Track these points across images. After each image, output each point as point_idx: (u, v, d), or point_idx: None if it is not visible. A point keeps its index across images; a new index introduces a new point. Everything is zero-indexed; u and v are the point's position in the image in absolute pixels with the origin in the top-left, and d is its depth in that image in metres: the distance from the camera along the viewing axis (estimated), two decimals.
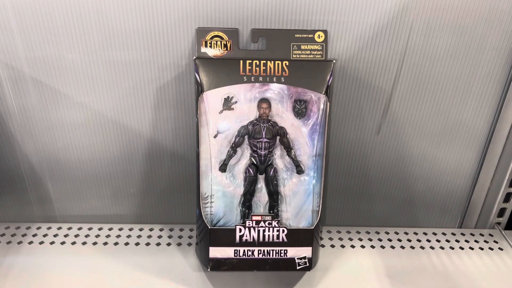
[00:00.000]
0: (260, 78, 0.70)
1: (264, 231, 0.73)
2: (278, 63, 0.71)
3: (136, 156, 0.86)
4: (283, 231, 0.73)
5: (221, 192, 0.74)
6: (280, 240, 0.73)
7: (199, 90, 0.70)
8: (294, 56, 0.73)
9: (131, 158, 0.87)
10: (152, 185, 0.90)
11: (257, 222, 0.73)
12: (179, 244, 0.86)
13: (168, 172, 0.89)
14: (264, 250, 0.73)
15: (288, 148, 0.74)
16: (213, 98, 0.71)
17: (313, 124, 0.73)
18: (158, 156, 0.87)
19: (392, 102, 0.82)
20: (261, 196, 0.75)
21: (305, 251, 0.74)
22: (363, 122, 0.84)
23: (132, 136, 0.84)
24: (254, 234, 0.73)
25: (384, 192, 0.93)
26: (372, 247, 0.88)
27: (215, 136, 0.72)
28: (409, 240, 0.91)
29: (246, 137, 0.73)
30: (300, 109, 0.72)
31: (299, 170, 0.74)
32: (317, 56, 0.73)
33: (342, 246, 0.88)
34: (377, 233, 0.93)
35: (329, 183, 0.92)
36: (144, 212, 0.94)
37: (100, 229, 0.90)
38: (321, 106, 0.72)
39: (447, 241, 0.91)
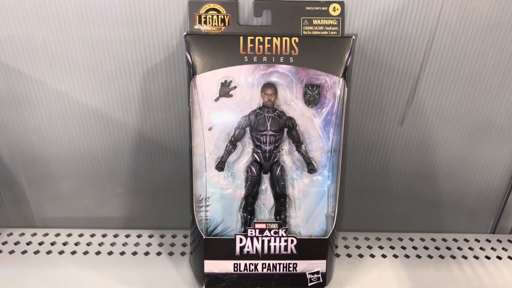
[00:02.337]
0: (264, 58, 0.64)
1: (269, 241, 0.68)
2: (285, 40, 0.64)
3: (123, 151, 0.82)
4: (292, 241, 0.68)
5: (218, 194, 0.69)
6: (289, 251, 0.69)
7: (191, 72, 0.64)
8: (304, 32, 0.67)
9: (117, 153, 0.82)
10: (141, 184, 0.86)
11: (261, 231, 0.68)
12: (170, 254, 0.81)
13: (159, 170, 0.84)
14: (269, 264, 0.69)
15: (297, 142, 0.68)
16: (207, 82, 0.65)
17: (328, 113, 0.67)
18: (148, 151, 0.82)
19: (419, 89, 0.76)
20: (266, 200, 0.70)
21: (318, 265, 0.69)
22: (384, 112, 0.78)
23: (117, 127, 0.79)
24: (257, 244, 0.68)
25: (406, 192, 0.88)
26: (395, 256, 0.82)
27: (210, 129, 0.67)
28: (437, 248, 0.85)
29: (247, 129, 0.68)
30: (312, 96, 0.66)
31: (311, 169, 0.68)
32: (332, 33, 0.67)
33: (360, 256, 0.82)
34: (400, 239, 0.87)
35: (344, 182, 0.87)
36: (132, 215, 0.90)
37: (80, 235, 0.85)
38: (338, 92, 0.66)
39: (482, 249, 0.85)
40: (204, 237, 0.68)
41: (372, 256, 0.82)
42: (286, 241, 0.68)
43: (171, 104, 0.77)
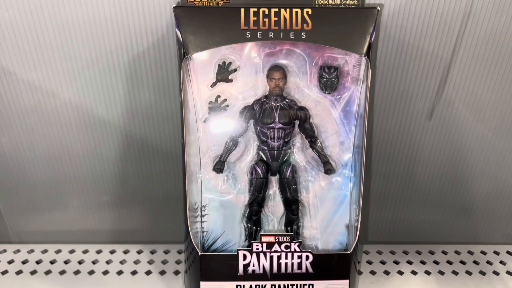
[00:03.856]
0: (271, 34, 0.58)
1: (279, 257, 0.63)
2: (296, 12, 0.58)
3: (107, 153, 0.78)
4: (307, 257, 0.63)
5: (216, 201, 0.65)
6: (303, 270, 0.64)
7: (182, 53, 0.59)
8: (317, 5, 0.61)
9: (101, 155, 0.78)
10: (129, 192, 0.82)
11: (269, 245, 0.63)
12: (162, 272, 0.76)
13: (150, 174, 0.80)
14: (279, 286, 0.64)
15: (311, 137, 0.64)
16: (202, 64, 0.61)
17: (349, 101, 0.62)
18: (137, 153, 0.78)
19: (451, 75, 0.71)
20: (274, 207, 0.67)
21: (340, 286, 0.64)
22: (411, 103, 0.74)
23: (100, 125, 0.75)
24: (264, 262, 0.63)
25: (435, 197, 0.83)
26: (427, 273, 0.76)
27: (205, 121, 0.62)
28: (476, 263, 0.78)
29: (251, 122, 0.64)
30: (330, 80, 0.61)
31: (328, 169, 0.64)
32: (350, 6, 0.62)
33: (386, 273, 0.76)
34: (431, 253, 0.81)
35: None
36: (120, 228, 0.85)
37: (58, 251, 0.79)
38: (360, 75, 0.61)
39: None
40: (199, 253, 0.63)
41: (400, 273, 0.77)
42: (300, 257, 0.63)
43: (162, 97, 0.73)
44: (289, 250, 0.63)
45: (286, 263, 0.63)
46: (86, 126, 0.75)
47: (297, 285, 0.63)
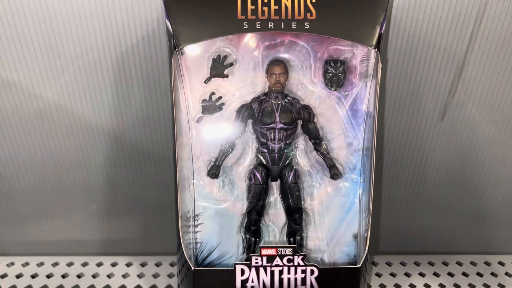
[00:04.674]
0: (271, 24, 0.56)
1: (281, 272, 0.60)
2: (298, 0, 0.56)
3: (95, 159, 0.76)
4: (312, 272, 0.60)
5: (211, 209, 0.63)
6: (308, 286, 0.61)
7: (173, 46, 0.56)
8: None
9: (88, 161, 0.77)
10: (119, 200, 0.80)
11: (270, 258, 0.60)
12: (153, 287, 0.73)
13: (141, 181, 0.79)
14: None
15: (316, 138, 0.62)
16: (194, 58, 0.58)
17: (356, 98, 0.60)
18: (127, 158, 0.77)
19: (465, 73, 0.70)
20: (275, 216, 0.64)
21: None
22: (421, 103, 0.73)
23: (87, 129, 0.74)
24: (265, 278, 0.60)
25: (448, 203, 0.81)
26: (441, 286, 0.73)
27: (198, 121, 0.60)
28: (494, 275, 0.76)
29: (249, 122, 0.62)
30: (336, 75, 0.59)
31: (335, 173, 0.62)
32: None
33: (397, 286, 0.74)
34: (445, 264, 0.78)
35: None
36: (108, 238, 0.83)
37: (40, 264, 0.76)
38: (370, 69, 0.58)
39: None
40: (192, 268, 0.59)
41: (412, 286, 0.74)
42: (304, 271, 0.61)
43: (153, 96, 0.71)
44: (292, 264, 0.60)
45: (288, 279, 0.60)
46: (71, 129, 0.73)
47: None
